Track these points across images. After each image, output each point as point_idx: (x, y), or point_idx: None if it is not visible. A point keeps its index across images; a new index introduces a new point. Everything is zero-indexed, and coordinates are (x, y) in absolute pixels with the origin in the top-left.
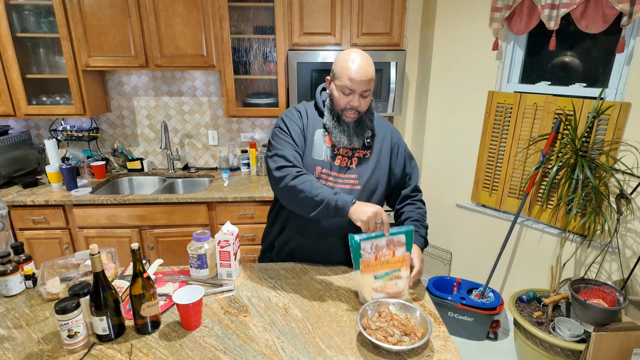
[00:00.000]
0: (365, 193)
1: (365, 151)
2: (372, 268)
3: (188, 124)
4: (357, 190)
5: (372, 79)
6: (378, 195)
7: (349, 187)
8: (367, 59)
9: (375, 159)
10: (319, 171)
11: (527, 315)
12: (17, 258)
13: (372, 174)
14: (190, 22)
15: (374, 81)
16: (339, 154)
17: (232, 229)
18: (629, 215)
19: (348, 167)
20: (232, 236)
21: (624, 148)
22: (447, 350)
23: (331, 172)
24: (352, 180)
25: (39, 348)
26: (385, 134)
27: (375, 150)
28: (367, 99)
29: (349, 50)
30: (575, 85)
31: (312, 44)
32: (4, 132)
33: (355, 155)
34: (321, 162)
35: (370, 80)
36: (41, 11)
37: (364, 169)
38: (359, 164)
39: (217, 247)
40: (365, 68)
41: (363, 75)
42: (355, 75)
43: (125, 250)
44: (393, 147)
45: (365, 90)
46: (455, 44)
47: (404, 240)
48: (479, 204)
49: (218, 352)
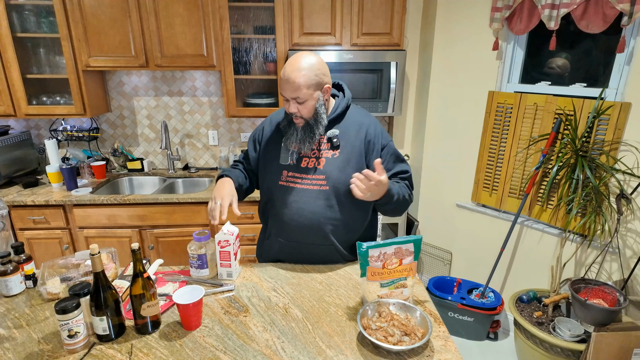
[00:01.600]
0: (336, 193)
1: (334, 151)
2: (378, 276)
3: (188, 124)
4: (325, 190)
5: (301, 86)
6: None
7: (317, 188)
8: (302, 63)
9: (345, 157)
10: (285, 175)
11: (527, 315)
12: (17, 258)
13: (340, 174)
14: (190, 22)
15: (309, 88)
16: (306, 155)
17: (232, 229)
18: (629, 215)
19: (315, 168)
20: (232, 236)
21: (624, 148)
22: (447, 350)
23: (297, 174)
24: (319, 181)
25: (39, 348)
26: (359, 131)
27: (345, 149)
28: (304, 106)
29: (296, 54)
30: (575, 85)
31: (312, 44)
32: (5, 132)
33: (323, 155)
34: (287, 166)
35: (297, 87)
36: (41, 11)
37: (331, 169)
38: (326, 164)
39: (217, 247)
40: (293, 74)
41: (288, 81)
42: (281, 81)
43: (125, 250)
44: (368, 145)
45: (294, 97)
46: (455, 44)
47: (412, 249)
48: (479, 204)
49: (218, 352)
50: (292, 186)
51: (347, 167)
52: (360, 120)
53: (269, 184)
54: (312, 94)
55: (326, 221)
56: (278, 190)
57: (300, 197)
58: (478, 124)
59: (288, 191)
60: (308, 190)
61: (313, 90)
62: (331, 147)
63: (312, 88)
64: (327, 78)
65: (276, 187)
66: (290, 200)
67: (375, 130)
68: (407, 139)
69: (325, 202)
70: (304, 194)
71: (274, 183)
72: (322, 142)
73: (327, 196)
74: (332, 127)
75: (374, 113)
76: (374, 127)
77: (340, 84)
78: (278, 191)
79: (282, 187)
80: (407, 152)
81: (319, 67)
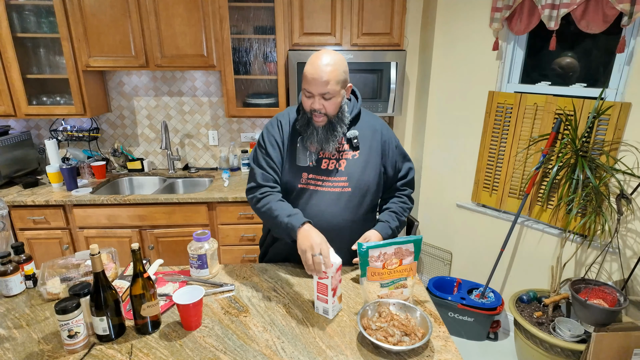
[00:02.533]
0: (357, 194)
1: (354, 152)
2: (378, 276)
3: (188, 124)
4: (347, 192)
5: (330, 81)
6: (370, 196)
7: (339, 190)
8: (329, 59)
9: (365, 159)
10: (305, 177)
11: (527, 315)
12: (17, 258)
13: (361, 175)
14: (190, 22)
15: (337, 84)
16: (325, 157)
17: (334, 259)
18: (629, 215)
19: (337, 169)
20: (331, 268)
21: (624, 148)
22: (447, 350)
23: (318, 176)
24: (341, 182)
25: (40, 348)
26: (375, 132)
27: (364, 150)
28: (331, 102)
29: (320, 51)
30: (575, 85)
31: (313, 44)
32: (5, 132)
33: (344, 157)
34: (306, 168)
35: (326, 82)
36: (41, 11)
37: (353, 170)
38: (347, 165)
39: (315, 277)
40: (322, 69)
41: (317, 76)
42: (310, 77)
43: (125, 251)
44: (384, 145)
45: (323, 92)
46: (455, 44)
47: (412, 249)
48: (479, 204)
49: (218, 352)
50: (312, 189)
51: (367, 168)
52: (373, 122)
53: (287, 186)
54: (340, 90)
55: (345, 224)
56: (298, 193)
57: (320, 200)
58: (478, 124)
59: (309, 194)
60: (329, 192)
61: (341, 87)
62: (351, 147)
63: (340, 84)
64: (348, 76)
65: (295, 190)
66: (311, 204)
67: (388, 132)
68: (407, 139)
69: (345, 204)
70: (325, 197)
71: (292, 185)
72: (342, 144)
73: (349, 198)
74: (350, 129)
75: (374, 113)
76: (386, 128)
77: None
78: (298, 194)
79: (302, 190)
80: (407, 152)
81: (345, 65)
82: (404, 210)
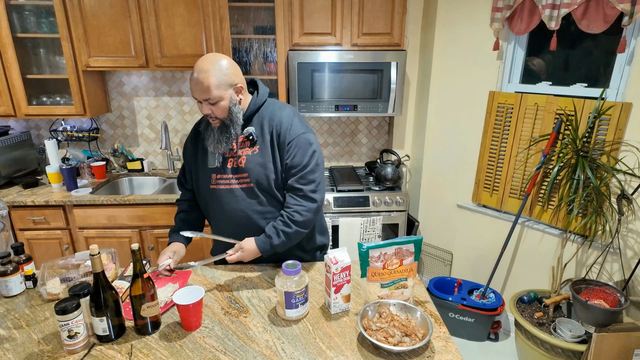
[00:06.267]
0: (259, 190)
1: (253, 147)
2: (379, 276)
3: (188, 124)
4: (250, 187)
5: (210, 87)
6: (270, 191)
7: (245, 186)
8: (207, 65)
9: (261, 153)
10: (214, 178)
11: (528, 316)
12: (17, 258)
13: (260, 169)
14: (190, 22)
15: (218, 88)
16: (230, 156)
17: (341, 258)
18: (630, 215)
19: (238, 166)
20: (334, 264)
21: (625, 148)
22: (447, 351)
23: (225, 175)
24: (244, 178)
25: (39, 348)
26: (270, 125)
27: (260, 144)
28: (217, 106)
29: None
30: (576, 85)
31: (313, 44)
32: (4, 133)
33: (244, 154)
34: (214, 169)
35: (206, 88)
36: (41, 11)
37: (252, 165)
38: (247, 161)
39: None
40: (199, 76)
41: (196, 83)
42: (192, 84)
43: (125, 251)
44: (278, 138)
45: (206, 98)
46: (456, 44)
47: (413, 249)
48: (480, 205)
49: (218, 353)
50: (222, 188)
51: (264, 162)
52: (273, 114)
53: (202, 190)
54: (224, 94)
55: (259, 216)
56: (211, 195)
57: (230, 198)
58: (479, 124)
59: (219, 193)
60: (236, 189)
61: (224, 91)
62: (250, 144)
63: (222, 88)
64: (237, 77)
65: (208, 192)
66: (223, 202)
67: (286, 122)
68: (407, 139)
69: (253, 198)
70: (233, 194)
71: (206, 188)
72: (240, 141)
73: (252, 193)
74: (248, 125)
75: (375, 113)
76: (286, 120)
77: (255, 81)
78: (211, 196)
79: (213, 191)
80: (408, 152)
81: (228, 67)
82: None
